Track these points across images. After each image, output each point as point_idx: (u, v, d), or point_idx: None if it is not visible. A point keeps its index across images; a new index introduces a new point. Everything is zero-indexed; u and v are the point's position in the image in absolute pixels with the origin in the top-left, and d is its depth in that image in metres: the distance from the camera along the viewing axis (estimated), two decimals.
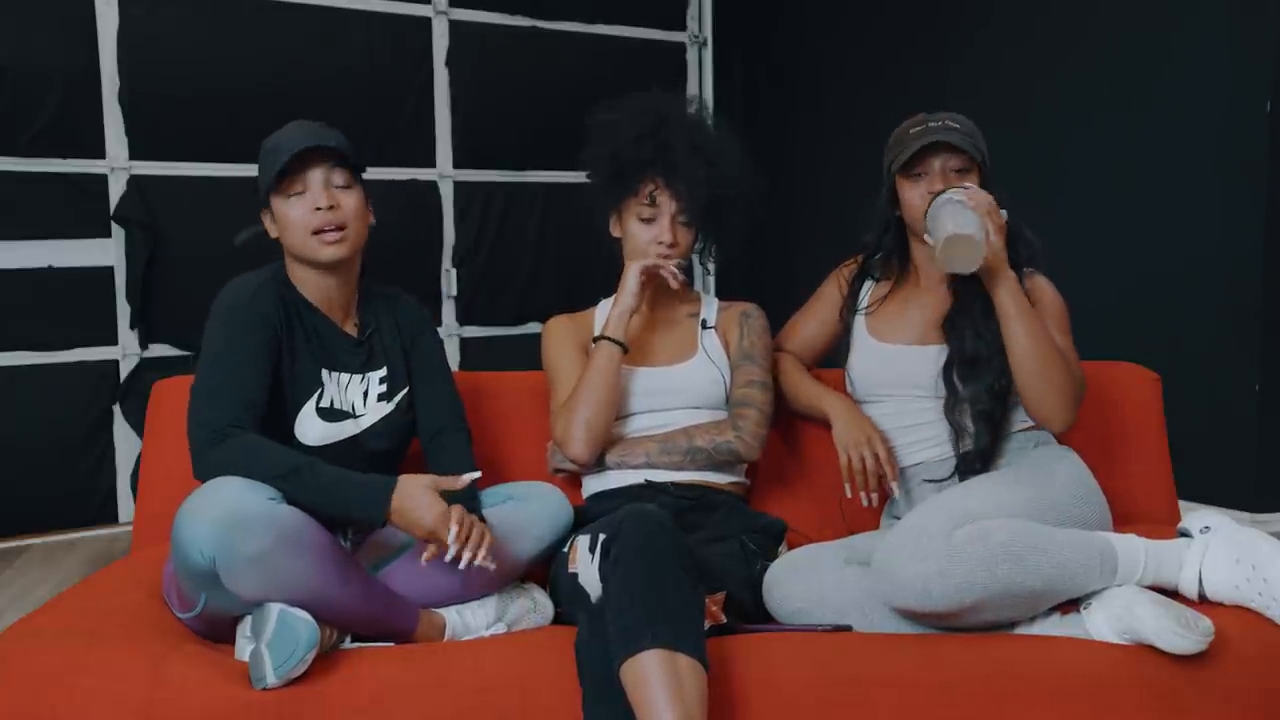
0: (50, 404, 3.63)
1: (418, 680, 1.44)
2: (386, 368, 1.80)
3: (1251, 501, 3.05)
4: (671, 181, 1.91)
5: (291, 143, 1.67)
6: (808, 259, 4.75)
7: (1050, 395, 1.72)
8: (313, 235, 1.68)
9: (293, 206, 1.69)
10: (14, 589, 3.03)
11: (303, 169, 1.68)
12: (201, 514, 1.44)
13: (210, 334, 1.65)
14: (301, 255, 1.71)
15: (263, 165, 1.71)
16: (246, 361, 1.62)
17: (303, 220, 1.68)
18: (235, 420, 1.57)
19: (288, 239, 1.71)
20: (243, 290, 1.69)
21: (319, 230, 1.68)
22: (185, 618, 1.58)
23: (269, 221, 1.75)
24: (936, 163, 1.81)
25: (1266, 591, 1.53)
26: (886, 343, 1.91)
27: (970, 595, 1.46)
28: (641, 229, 1.94)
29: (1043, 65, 3.59)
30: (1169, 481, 2.12)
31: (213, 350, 1.64)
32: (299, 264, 1.74)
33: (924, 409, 1.85)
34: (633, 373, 1.95)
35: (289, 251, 1.74)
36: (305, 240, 1.69)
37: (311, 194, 1.68)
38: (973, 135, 1.83)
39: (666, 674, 1.32)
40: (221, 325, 1.65)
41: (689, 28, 4.84)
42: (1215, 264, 3.14)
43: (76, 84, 3.59)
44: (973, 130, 1.84)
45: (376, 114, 4.09)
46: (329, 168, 1.70)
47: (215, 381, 1.61)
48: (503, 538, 1.68)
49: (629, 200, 1.94)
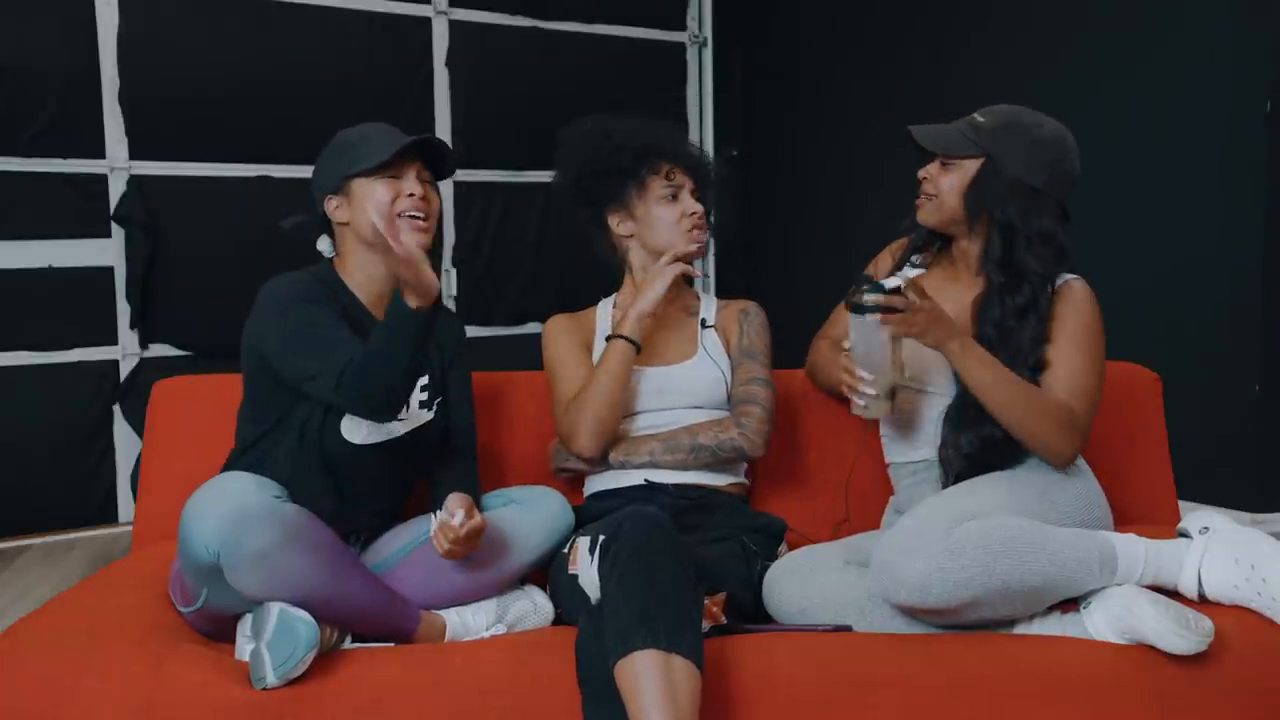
0: (50, 404, 3.63)
1: (418, 680, 1.44)
2: (428, 375, 1.79)
3: (1251, 501, 3.06)
4: (681, 157, 1.96)
5: (390, 134, 1.72)
6: (808, 259, 4.76)
7: (1039, 441, 1.68)
8: (399, 218, 1.69)
9: (383, 188, 1.70)
10: (14, 589, 3.03)
11: (400, 160, 1.71)
12: (208, 509, 1.44)
13: (276, 320, 1.64)
14: (378, 238, 1.69)
15: (348, 152, 1.73)
16: (327, 322, 1.62)
17: (390, 201, 1.70)
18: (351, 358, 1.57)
19: (365, 219, 1.69)
20: (291, 282, 1.69)
21: (407, 215, 1.70)
22: (186, 613, 1.58)
23: (333, 207, 1.74)
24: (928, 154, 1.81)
25: (1266, 591, 1.53)
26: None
27: (969, 592, 1.46)
28: (667, 209, 1.95)
29: (1042, 65, 3.59)
30: (1169, 481, 2.12)
31: (290, 329, 1.62)
32: (362, 252, 1.74)
33: (931, 409, 1.81)
34: (635, 372, 1.95)
35: (360, 234, 1.72)
36: (389, 220, 1.67)
37: (405, 181, 1.72)
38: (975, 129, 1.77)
39: (660, 675, 1.32)
40: (284, 309, 1.64)
41: (689, 28, 4.84)
42: (1215, 264, 3.14)
43: (76, 84, 3.59)
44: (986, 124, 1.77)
45: (376, 114, 4.01)
46: (421, 167, 1.75)
47: (316, 340, 1.59)
48: (504, 541, 1.68)
49: (642, 188, 1.95)
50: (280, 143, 3.86)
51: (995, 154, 1.74)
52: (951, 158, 1.78)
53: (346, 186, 1.73)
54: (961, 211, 1.79)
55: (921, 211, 1.84)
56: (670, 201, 1.96)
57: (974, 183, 1.76)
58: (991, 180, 1.75)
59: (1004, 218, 1.74)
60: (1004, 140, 1.74)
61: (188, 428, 2.00)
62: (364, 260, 1.75)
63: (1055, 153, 1.75)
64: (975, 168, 1.76)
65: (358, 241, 1.74)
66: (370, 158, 1.70)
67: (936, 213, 1.82)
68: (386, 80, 4.12)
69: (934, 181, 1.80)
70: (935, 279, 1.88)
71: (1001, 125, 1.76)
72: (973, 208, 1.77)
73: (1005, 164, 1.73)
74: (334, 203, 1.75)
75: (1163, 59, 3.25)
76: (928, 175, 1.82)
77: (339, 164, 1.73)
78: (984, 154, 1.76)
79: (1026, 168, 1.73)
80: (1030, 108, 1.82)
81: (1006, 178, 1.73)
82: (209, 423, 1.93)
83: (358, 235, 1.73)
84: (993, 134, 1.75)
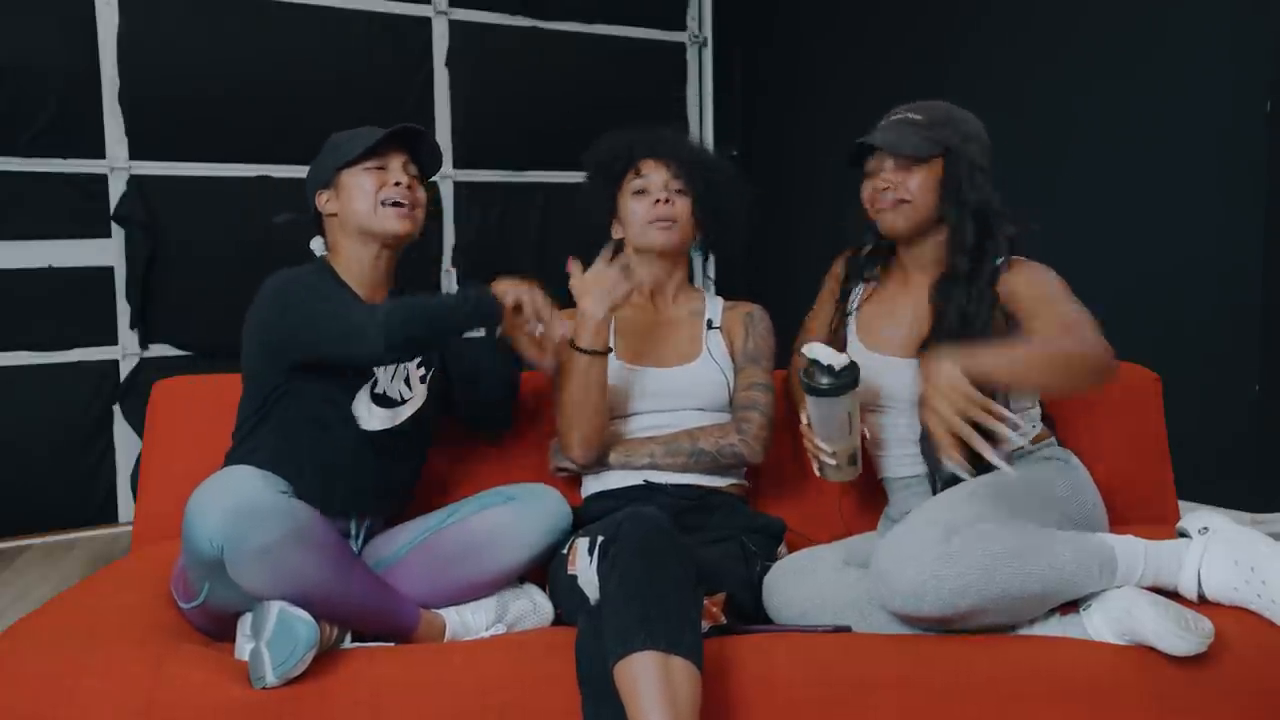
0: (50, 404, 3.63)
1: (418, 680, 1.44)
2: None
3: (1251, 502, 3.05)
4: (657, 150, 1.96)
5: (377, 132, 1.78)
6: (808, 259, 4.74)
7: (1084, 384, 1.65)
8: (383, 206, 1.75)
9: (367, 178, 1.76)
10: (14, 589, 3.03)
11: (385, 151, 1.78)
12: (213, 503, 1.45)
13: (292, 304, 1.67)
14: (366, 226, 1.77)
15: (338, 148, 1.80)
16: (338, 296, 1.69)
17: (375, 190, 1.76)
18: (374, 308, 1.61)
19: (353, 207, 1.77)
20: (300, 273, 1.75)
21: (391, 203, 1.76)
22: (187, 608, 1.59)
23: (324, 200, 1.80)
24: (875, 163, 1.81)
25: (1265, 593, 1.53)
26: (874, 351, 1.86)
27: (966, 599, 1.46)
28: (636, 202, 1.96)
29: (1041, 65, 3.58)
30: (1169, 481, 2.12)
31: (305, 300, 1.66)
32: (353, 242, 1.79)
33: (914, 424, 1.78)
34: (636, 372, 1.95)
35: (350, 225, 1.78)
36: (374, 209, 1.76)
37: (390, 172, 1.78)
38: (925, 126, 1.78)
39: (659, 676, 1.32)
40: (291, 290, 1.69)
41: (689, 28, 4.84)
42: (1215, 264, 3.14)
43: (76, 84, 3.59)
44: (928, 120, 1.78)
45: (376, 114, 4.03)
46: (407, 160, 1.80)
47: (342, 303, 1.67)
48: (502, 539, 1.69)
49: (621, 186, 1.96)
50: (280, 143, 3.86)
51: (952, 146, 1.77)
52: (920, 159, 1.77)
53: (336, 179, 1.79)
54: (936, 210, 1.78)
55: (889, 217, 1.80)
56: (639, 196, 1.97)
57: (946, 177, 1.77)
58: (958, 170, 1.77)
59: (979, 202, 1.76)
60: (954, 131, 1.79)
61: (188, 428, 2.00)
62: (354, 251, 1.80)
63: (982, 132, 1.82)
64: (939, 164, 1.78)
65: (345, 231, 1.79)
66: (356, 149, 1.77)
67: (911, 216, 1.79)
68: (386, 80, 4.13)
69: (901, 186, 1.78)
70: (889, 291, 1.91)
71: (943, 117, 1.80)
72: (952, 200, 1.77)
73: (961, 153, 1.77)
74: (324, 196, 1.81)
75: (1163, 59, 3.25)
76: (889, 183, 1.79)
77: (330, 160, 1.81)
78: (944, 149, 1.77)
79: (976, 152, 1.78)
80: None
81: (965, 164, 1.76)
82: (209, 423, 1.93)
83: (345, 225, 1.79)
84: (943, 128, 1.79)
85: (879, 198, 1.81)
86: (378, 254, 1.80)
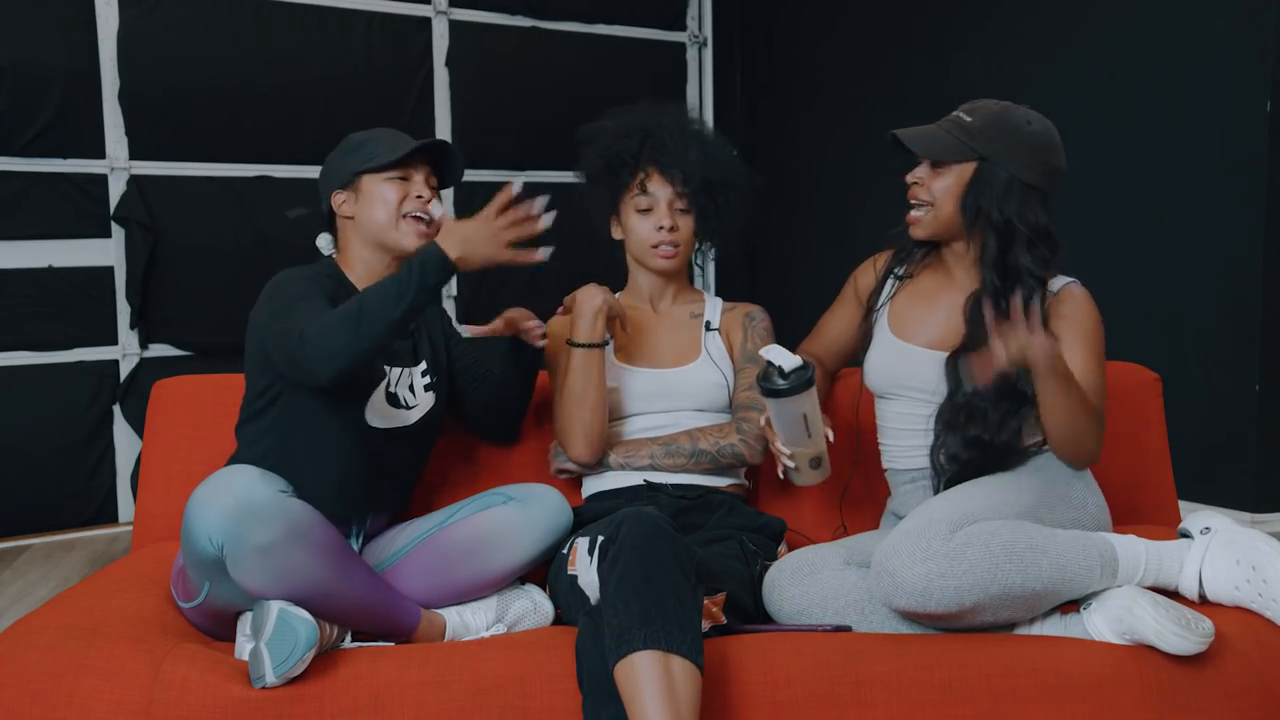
0: (50, 404, 3.63)
1: (418, 680, 1.44)
2: (426, 361, 1.83)
3: (1251, 502, 3.06)
4: (664, 166, 1.92)
5: (400, 137, 1.77)
6: (808, 259, 4.76)
7: (1082, 447, 1.68)
8: (403, 219, 1.75)
9: (390, 188, 1.75)
10: (14, 589, 3.03)
11: (410, 162, 1.77)
12: (213, 501, 1.45)
13: (276, 296, 1.66)
14: (383, 238, 1.76)
15: (359, 150, 1.77)
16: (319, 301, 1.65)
17: (398, 201, 1.75)
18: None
19: (373, 215, 1.75)
20: (300, 271, 1.74)
21: (413, 217, 1.75)
22: (187, 608, 1.59)
23: (339, 201, 1.78)
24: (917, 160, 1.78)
25: (1266, 593, 1.53)
26: (905, 341, 1.84)
27: (970, 596, 1.46)
28: (640, 221, 1.94)
29: (1041, 64, 3.59)
30: (1169, 481, 2.12)
31: (284, 300, 1.64)
32: (367, 248, 1.78)
33: (928, 416, 1.79)
34: (636, 373, 1.95)
35: (366, 232, 1.77)
36: (394, 222, 1.75)
37: (414, 184, 1.77)
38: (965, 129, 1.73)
39: (659, 675, 1.32)
40: (285, 288, 1.68)
41: (689, 28, 4.84)
42: (1215, 264, 3.14)
43: (76, 84, 3.59)
44: (974, 123, 1.73)
45: (376, 114, 4.07)
46: (429, 172, 1.80)
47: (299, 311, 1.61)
48: (503, 539, 1.69)
49: (624, 195, 1.94)
50: (280, 143, 3.86)
51: (989, 154, 1.71)
52: (945, 163, 1.74)
53: (356, 182, 1.77)
54: (959, 217, 1.75)
55: (915, 227, 1.80)
56: (644, 214, 1.94)
57: (970, 185, 1.73)
58: (988, 181, 1.71)
59: (1002, 218, 1.71)
60: (996, 139, 1.71)
61: (188, 428, 1.99)
62: (365, 255, 1.79)
63: (1045, 149, 1.73)
64: (970, 170, 1.73)
65: (360, 236, 1.78)
66: (384, 155, 1.75)
67: (932, 224, 1.78)
68: (386, 80, 4.13)
69: (926, 187, 1.76)
70: (927, 284, 1.87)
71: (992, 124, 1.72)
72: (970, 211, 1.73)
73: (1000, 163, 1.70)
74: (341, 197, 1.79)
75: (1162, 59, 3.25)
76: (918, 180, 1.77)
77: (350, 160, 1.78)
78: (978, 156, 1.72)
79: (1021, 166, 1.70)
80: (1029, 107, 1.80)
81: (1002, 177, 1.70)
82: (209, 423, 1.94)
83: (360, 231, 1.77)
84: (984, 134, 1.72)
85: (910, 194, 1.80)
86: (388, 264, 1.79)
